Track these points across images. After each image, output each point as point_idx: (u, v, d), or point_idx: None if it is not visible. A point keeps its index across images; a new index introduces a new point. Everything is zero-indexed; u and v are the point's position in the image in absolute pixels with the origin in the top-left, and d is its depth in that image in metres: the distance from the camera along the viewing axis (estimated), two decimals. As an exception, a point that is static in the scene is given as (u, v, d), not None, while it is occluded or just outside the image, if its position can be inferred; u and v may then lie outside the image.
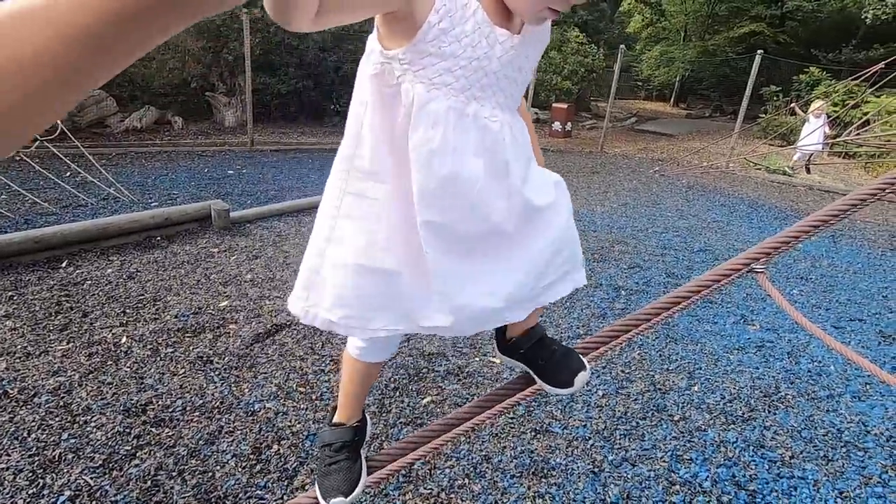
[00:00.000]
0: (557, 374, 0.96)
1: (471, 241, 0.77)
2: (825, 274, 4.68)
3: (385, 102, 0.70)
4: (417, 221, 0.72)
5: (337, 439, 1.00)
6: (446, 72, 0.67)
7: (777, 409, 2.54)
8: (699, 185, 8.38)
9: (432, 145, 0.68)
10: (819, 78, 13.13)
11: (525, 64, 0.75)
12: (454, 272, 0.77)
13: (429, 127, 0.68)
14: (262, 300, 3.18)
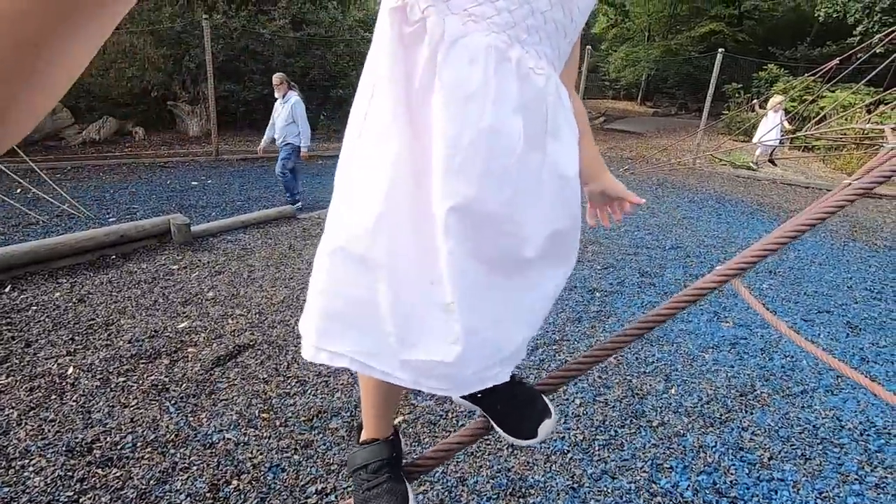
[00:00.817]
0: (520, 423, 0.85)
1: (499, 246, 0.62)
2: (792, 266, 4.76)
3: (405, 43, 0.55)
4: (438, 203, 0.56)
5: (373, 458, 0.83)
6: (486, 1, 0.55)
7: (754, 409, 2.52)
8: (668, 182, 8.50)
9: (469, 87, 0.54)
10: (777, 74, 13.55)
11: (575, 10, 0.62)
12: (475, 284, 0.60)
13: (465, 64, 0.54)
14: (224, 319, 3.02)
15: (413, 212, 0.58)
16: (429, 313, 0.60)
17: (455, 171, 0.56)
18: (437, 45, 0.54)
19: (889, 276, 4.68)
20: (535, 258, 0.66)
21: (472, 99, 0.55)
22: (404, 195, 0.58)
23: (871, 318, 3.73)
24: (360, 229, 0.59)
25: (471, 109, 0.55)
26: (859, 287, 4.32)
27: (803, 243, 5.57)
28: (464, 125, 0.55)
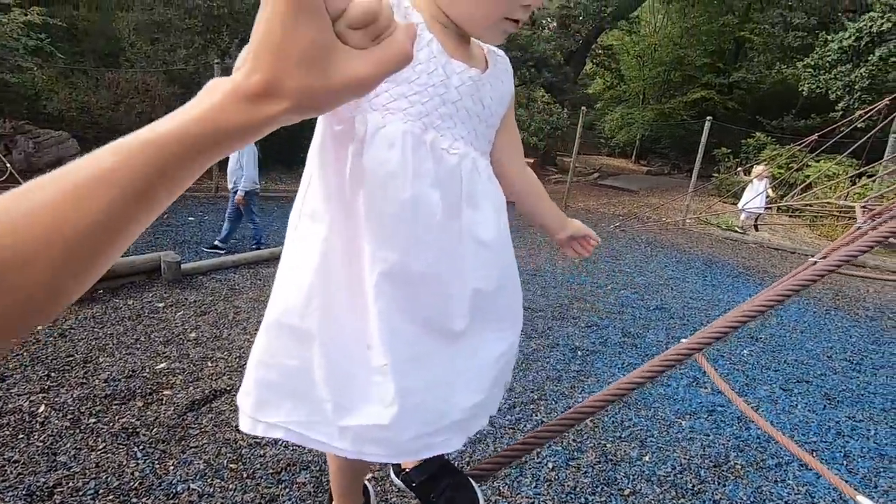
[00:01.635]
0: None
1: (428, 305, 0.67)
2: (774, 333, 4.81)
3: (337, 140, 0.63)
4: (368, 271, 0.63)
5: None
6: (401, 97, 0.63)
7: (727, 481, 2.51)
8: (658, 241, 8.68)
9: (389, 167, 0.62)
10: (765, 142, 14.09)
11: (488, 99, 0.71)
12: (409, 345, 0.65)
13: (384, 148, 0.62)
14: (203, 362, 3.02)
15: (346, 283, 0.65)
16: (366, 378, 0.64)
17: (382, 240, 0.63)
18: (363, 138, 0.62)
19: (869, 348, 4.73)
20: (468, 321, 0.70)
21: (393, 176, 0.62)
22: (336, 268, 0.64)
23: (850, 389, 3.76)
24: (292, 302, 0.65)
25: (391, 185, 0.62)
26: (839, 357, 4.37)
27: (786, 310, 5.65)
28: (386, 199, 0.62)
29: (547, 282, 5.55)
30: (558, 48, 16.62)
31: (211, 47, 10.20)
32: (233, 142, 0.35)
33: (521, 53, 15.37)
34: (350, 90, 0.37)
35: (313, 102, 0.36)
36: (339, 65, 0.35)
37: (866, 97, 11.34)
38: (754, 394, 3.52)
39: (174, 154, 0.32)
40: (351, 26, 0.36)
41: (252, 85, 0.34)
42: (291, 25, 0.34)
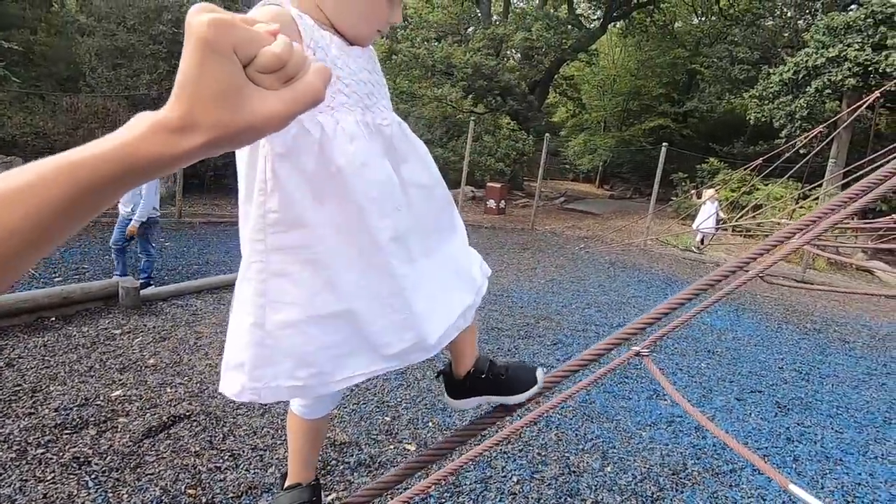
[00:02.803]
0: (520, 379, 0.99)
1: (413, 240, 0.80)
2: (730, 347, 5.02)
3: (289, 147, 0.68)
4: (379, 240, 0.73)
5: (296, 500, 0.97)
6: (337, 92, 0.71)
7: (684, 488, 2.59)
8: (620, 261, 8.96)
9: (360, 157, 0.71)
10: (718, 167, 14.88)
11: (377, 70, 0.83)
12: (417, 281, 0.79)
13: (347, 142, 0.70)
14: (162, 388, 2.94)
15: (357, 256, 0.74)
16: (390, 321, 0.78)
17: (380, 216, 0.74)
18: (321, 137, 0.69)
19: (816, 358, 4.99)
20: (436, 238, 0.87)
21: (365, 165, 0.72)
22: (339, 252, 0.74)
23: (798, 398, 3.95)
24: (319, 295, 0.73)
25: (366, 172, 0.72)
26: (789, 368, 4.59)
27: (741, 324, 5.91)
28: (368, 185, 0.72)
29: (514, 302, 5.65)
30: (522, 78, 17.26)
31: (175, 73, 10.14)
32: (150, 171, 0.37)
33: (487, 83, 15.89)
34: (265, 126, 0.40)
35: (229, 137, 0.39)
36: (252, 103, 0.39)
37: (806, 125, 12.18)
38: (711, 404, 3.66)
39: (86, 178, 0.35)
40: (260, 71, 0.39)
41: (172, 118, 0.37)
42: (204, 67, 0.37)
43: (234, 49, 0.38)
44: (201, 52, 0.37)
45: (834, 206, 1.28)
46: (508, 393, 0.98)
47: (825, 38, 12.28)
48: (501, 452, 2.69)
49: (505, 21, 18.48)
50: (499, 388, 0.99)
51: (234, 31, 0.38)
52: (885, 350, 5.53)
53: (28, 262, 0.35)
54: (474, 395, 1.00)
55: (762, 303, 7.10)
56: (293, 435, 0.98)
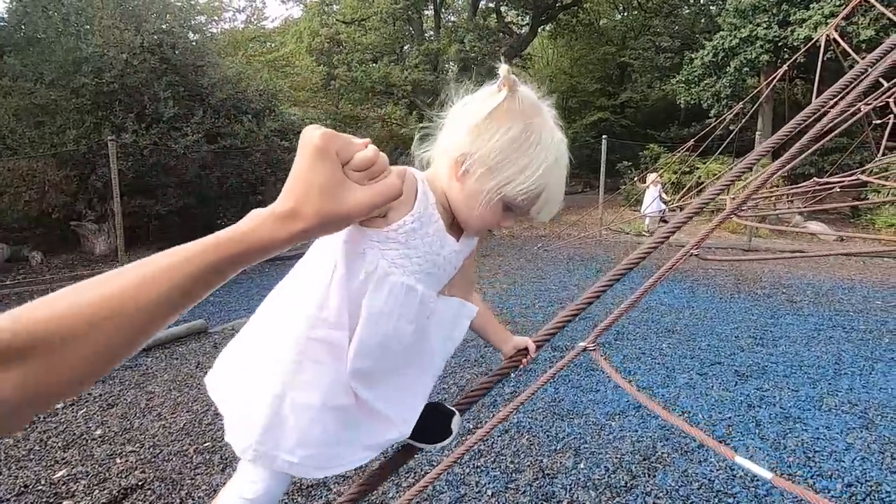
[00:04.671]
0: (436, 429, 1.02)
1: (389, 372, 0.88)
2: (688, 324, 5.19)
3: (349, 263, 0.81)
4: (347, 369, 0.83)
5: None
6: (405, 258, 0.82)
7: (656, 471, 2.63)
8: (578, 255, 9.15)
9: (385, 309, 0.81)
10: (658, 152, 15.50)
11: (459, 263, 0.93)
12: (386, 395, 0.88)
13: (386, 294, 0.81)
14: (111, 459, 2.76)
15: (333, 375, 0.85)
16: (380, 419, 0.90)
17: (362, 356, 0.83)
18: (372, 275, 0.81)
19: (768, 322, 5.21)
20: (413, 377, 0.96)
21: (383, 314, 0.82)
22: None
23: (756, 363, 4.10)
24: (335, 388, 0.84)
25: (381, 321, 0.82)
26: (744, 336, 4.77)
27: (697, 299, 6.12)
28: (374, 332, 0.82)
29: (477, 310, 5.66)
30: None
31: (104, 124, 9.75)
32: (261, 252, 0.49)
33: (430, 98, 16.07)
34: (352, 212, 0.52)
35: (325, 222, 0.51)
36: (346, 195, 0.52)
37: (732, 103, 12.88)
38: (675, 383, 3.75)
39: (210, 260, 0.46)
40: (354, 169, 0.53)
41: (284, 209, 0.49)
42: (313, 167, 0.50)
43: (336, 153, 0.51)
44: (314, 155, 0.50)
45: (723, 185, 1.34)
46: (422, 440, 1.01)
47: (736, 20, 13.09)
48: (474, 468, 2.66)
49: (438, 36, 18.81)
50: (415, 434, 1.00)
51: (338, 138, 0.52)
52: (828, 305, 5.85)
53: (150, 331, 0.44)
54: None
55: (714, 276, 7.38)
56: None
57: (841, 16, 5.23)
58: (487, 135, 0.81)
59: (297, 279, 0.89)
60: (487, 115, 0.82)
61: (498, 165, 0.80)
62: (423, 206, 0.82)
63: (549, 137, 0.83)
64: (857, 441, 2.92)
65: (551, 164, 0.82)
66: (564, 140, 0.87)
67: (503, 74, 0.81)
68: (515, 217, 0.87)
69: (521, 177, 0.80)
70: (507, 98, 0.82)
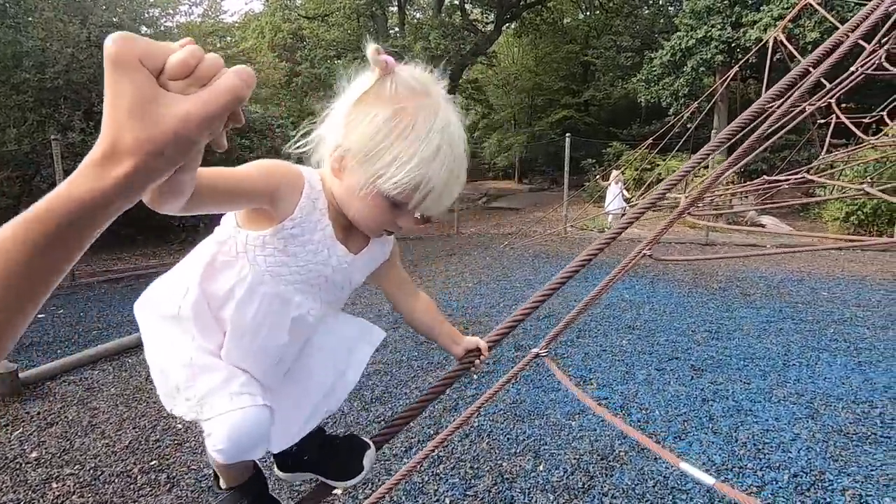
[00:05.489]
0: (347, 465, 0.98)
1: (263, 375, 0.84)
2: (648, 319, 5.30)
3: (215, 267, 0.77)
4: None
5: (240, 499, 0.94)
6: (283, 265, 0.76)
7: (613, 471, 2.66)
8: (543, 252, 9.25)
9: (256, 318, 0.78)
10: (621, 150, 15.85)
11: (355, 278, 0.87)
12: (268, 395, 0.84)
13: (255, 301, 0.77)
14: (46, 484, 2.59)
15: None
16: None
17: (235, 351, 0.81)
18: (240, 283, 0.76)
19: (724, 316, 5.38)
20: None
21: (256, 324, 0.79)
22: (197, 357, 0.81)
23: (711, 357, 4.22)
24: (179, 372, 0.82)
25: (252, 330, 0.79)
26: (700, 330, 4.90)
27: (656, 295, 6.27)
28: (237, 346, 0.80)
29: (442, 311, 5.60)
30: (428, 86, 17.46)
31: (48, 122, 9.23)
32: (91, 211, 0.37)
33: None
34: (184, 129, 0.39)
35: (155, 153, 0.38)
36: (168, 110, 0.38)
37: (689, 101, 13.27)
38: (634, 379, 3.81)
39: (39, 230, 0.37)
40: (172, 78, 0.39)
41: (96, 149, 0.37)
42: (115, 86, 0.38)
43: (140, 60, 0.38)
44: (112, 70, 0.38)
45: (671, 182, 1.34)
46: (332, 476, 0.99)
47: (692, 21, 13.49)
48: (433, 475, 2.62)
49: (403, 33, 18.64)
50: (323, 468, 1.00)
51: (138, 42, 0.38)
52: (779, 297, 6.09)
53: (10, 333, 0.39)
54: (303, 470, 1.00)
55: (674, 270, 7.58)
56: (222, 470, 0.96)
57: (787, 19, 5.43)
58: (356, 123, 0.74)
59: (160, 284, 0.84)
60: (356, 102, 0.74)
61: (368, 156, 0.73)
62: (306, 211, 0.76)
63: (429, 124, 0.72)
64: (803, 431, 3.03)
65: (429, 154, 0.72)
66: (456, 126, 0.76)
67: (370, 55, 0.71)
68: (411, 214, 0.78)
69: (392, 168, 0.72)
70: (376, 82, 0.73)
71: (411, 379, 3.84)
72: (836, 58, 1.31)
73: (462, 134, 0.78)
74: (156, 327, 0.82)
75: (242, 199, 0.71)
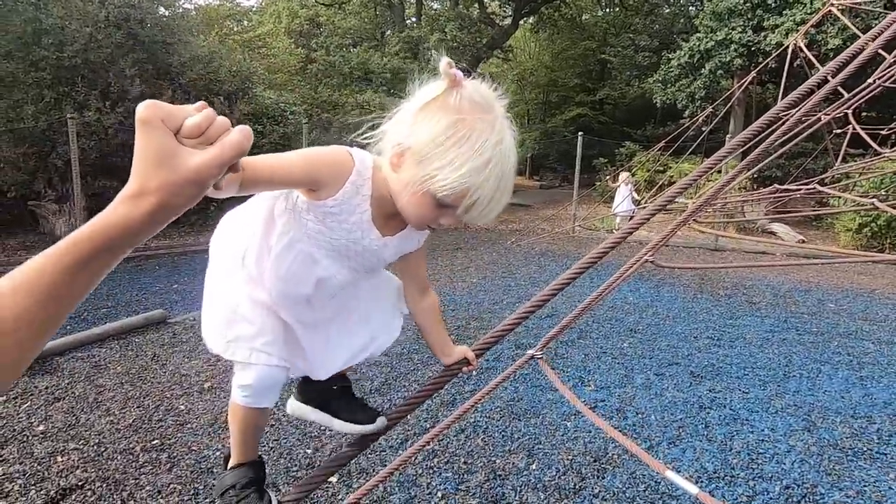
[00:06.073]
0: (356, 413, 1.08)
1: (302, 315, 0.97)
2: (650, 323, 5.29)
3: (273, 218, 0.90)
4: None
5: (241, 478, 1.02)
6: (319, 233, 0.87)
7: (605, 473, 2.68)
8: (550, 251, 9.23)
9: (287, 273, 0.90)
10: (634, 150, 15.71)
11: (386, 256, 0.96)
12: (304, 335, 0.99)
13: (288, 257, 0.89)
14: (52, 457, 2.67)
15: None
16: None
17: (273, 297, 0.94)
18: (282, 234, 0.89)
19: (727, 323, 5.36)
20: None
21: (280, 280, 0.92)
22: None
23: (711, 364, 4.21)
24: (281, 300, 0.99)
25: (279, 284, 0.92)
26: (703, 336, 4.89)
27: (661, 299, 6.25)
28: (275, 288, 0.93)
29: (445, 305, 5.65)
30: (443, 78, 17.37)
31: (65, 100, 9.33)
32: (125, 234, 0.49)
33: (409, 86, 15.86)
34: (198, 176, 0.51)
35: (176, 192, 0.50)
36: (183, 161, 0.50)
37: (705, 104, 13.11)
38: (632, 383, 3.83)
39: (77, 252, 0.48)
40: (186, 136, 0.51)
41: (130, 188, 0.49)
42: (143, 141, 0.49)
43: (162, 121, 0.49)
44: (140, 129, 0.49)
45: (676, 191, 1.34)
46: (340, 416, 1.09)
47: (713, 22, 13.28)
48: (427, 468, 2.66)
49: (419, 23, 18.54)
50: (333, 407, 1.10)
51: (162, 107, 0.50)
52: (785, 307, 6.04)
53: (46, 336, 0.49)
54: (315, 405, 1.11)
55: (680, 275, 7.54)
56: (234, 424, 1.03)
57: (809, 24, 5.34)
58: (419, 125, 0.81)
59: (236, 218, 0.97)
60: (423, 106, 0.82)
61: (426, 157, 0.80)
62: (348, 195, 0.84)
63: (484, 138, 0.79)
64: (798, 443, 3.03)
65: (480, 165, 0.78)
66: (509, 145, 0.82)
67: (443, 68, 0.79)
68: (455, 215, 0.85)
69: (444, 172, 0.78)
70: (444, 91, 0.80)
71: (411, 371, 3.88)
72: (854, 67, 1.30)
73: (514, 152, 0.84)
74: (222, 263, 0.97)
75: (283, 186, 0.83)
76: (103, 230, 0.48)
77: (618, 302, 6.06)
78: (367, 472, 2.58)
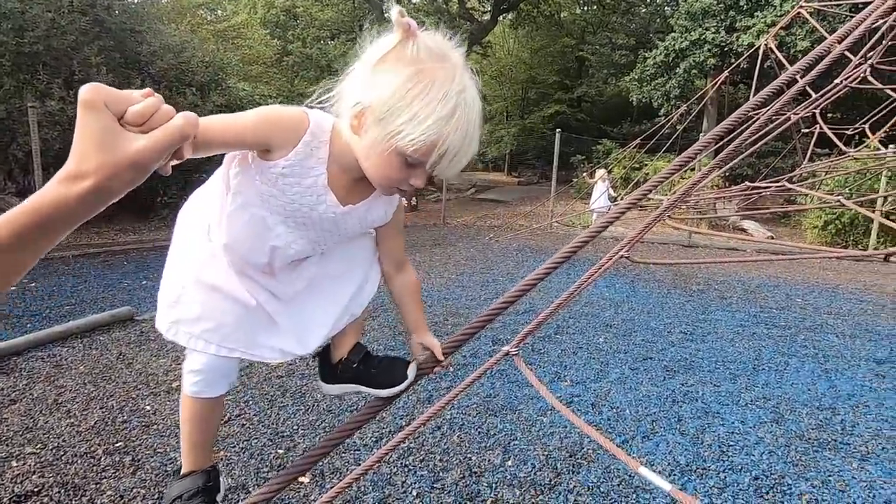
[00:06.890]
0: (392, 374, 1.03)
1: (274, 284, 0.95)
2: (626, 318, 5.36)
3: (230, 177, 0.87)
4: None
5: (188, 488, 0.96)
6: (272, 196, 0.84)
7: (580, 468, 2.69)
8: (528, 247, 9.28)
9: (241, 234, 0.87)
10: (610, 147, 15.91)
11: (348, 227, 0.92)
12: (276, 307, 0.96)
13: (241, 218, 0.86)
14: (6, 462, 2.53)
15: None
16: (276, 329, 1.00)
17: (230, 257, 0.92)
18: (236, 193, 0.86)
19: (700, 318, 5.46)
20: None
21: (236, 241, 0.89)
22: None
23: (684, 359, 4.28)
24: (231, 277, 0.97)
25: (238, 240, 0.89)
26: (676, 331, 4.97)
27: (636, 294, 6.34)
28: (233, 247, 0.90)
29: (423, 301, 5.61)
30: (421, 73, 17.27)
31: (26, 88, 8.91)
32: (61, 214, 0.48)
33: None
34: (138, 159, 0.50)
35: (114, 175, 0.49)
36: (123, 145, 0.50)
37: (680, 103, 13.33)
38: (607, 378, 3.86)
39: (17, 228, 0.47)
40: (129, 124, 0.51)
41: (65, 169, 0.49)
42: (84, 122, 0.49)
43: (105, 104, 0.49)
44: (82, 110, 0.49)
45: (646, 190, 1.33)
46: (376, 386, 1.02)
47: (687, 22, 13.50)
48: (402, 466, 2.63)
49: (398, 17, 18.36)
50: (368, 379, 1.04)
51: (105, 91, 0.50)
52: (755, 302, 6.20)
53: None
54: (342, 383, 1.06)
55: (654, 270, 7.67)
56: (186, 421, 1.00)
57: (779, 26, 5.45)
58: (377, 81, 0.77)
59: (203, 191, 0.96)
60: (378, 61, 0.78)
61: (388, 114, 0.76)
62: (300, 156, 0.81)
63: (447, 86, 0.75)
64: (767, 435, 3.10)
65: (446, 114, 0.75)
66: (472, 93, 0.79)
67: (395, 18, 0.75)
68: (424, 174, 0.82)
69: (410, 126, 0.75)
70: (399, 43, 0.77)
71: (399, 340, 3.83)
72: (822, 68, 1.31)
73: (477, 99, 0.80)
74: (183, 239, 0.94)
75: (237, 148, 0.81)
76: (37, 210, 0.47)
77: (594, 297, 6.12)
78: (341, 471, 2.53)
